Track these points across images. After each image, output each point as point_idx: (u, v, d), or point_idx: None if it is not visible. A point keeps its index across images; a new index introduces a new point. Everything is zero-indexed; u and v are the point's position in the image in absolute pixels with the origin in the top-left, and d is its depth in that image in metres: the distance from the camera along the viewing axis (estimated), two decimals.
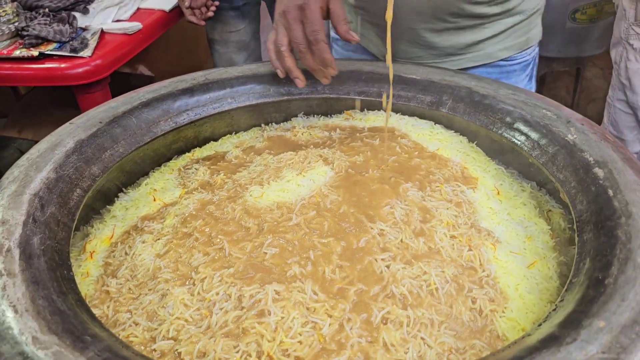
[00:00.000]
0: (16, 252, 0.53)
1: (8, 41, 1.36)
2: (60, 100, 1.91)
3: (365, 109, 0.92)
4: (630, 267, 0.48)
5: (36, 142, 1.70)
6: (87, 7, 1.46)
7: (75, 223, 0.64)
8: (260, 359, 0.52)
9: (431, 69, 0.90)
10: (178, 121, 0.83)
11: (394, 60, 0.80)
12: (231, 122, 0.92)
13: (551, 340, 0.43)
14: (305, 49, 0.80)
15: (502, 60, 1.02)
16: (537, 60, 1.10)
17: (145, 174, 0.87)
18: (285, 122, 0.94)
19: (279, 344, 0.52)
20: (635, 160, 0.63)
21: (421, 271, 0.59)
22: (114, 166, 0.74)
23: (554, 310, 0.49)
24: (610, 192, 0.59)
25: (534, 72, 1.09)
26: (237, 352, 0.52)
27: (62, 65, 1.31)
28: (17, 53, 1.31)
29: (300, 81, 0.83)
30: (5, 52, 1.31)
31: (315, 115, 0.95)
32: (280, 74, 0.84)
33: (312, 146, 0.82)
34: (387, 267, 0.59)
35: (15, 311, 0.47)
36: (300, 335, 0.53)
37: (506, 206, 0.73)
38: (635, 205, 0.56)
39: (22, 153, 0.70)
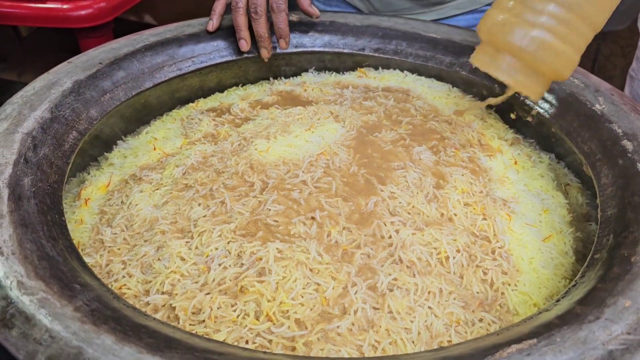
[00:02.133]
0: (5, 192, 0.50)
1: None
2: (63, 44, 1.85)
3: (380, 67, 0.87)
4: None
5: None
6: None
7: (69, 167, 0.60)
8: (258, 319, 0.49)
9: (452, 29, 0.85)
10: (183, 68, 0.79)
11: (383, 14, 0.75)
12: (238, 72, 0.88)
13: (571, 318, 0.40)
14: (262, 12, 0.77)
15: (488, 5, 0.96)
16: None
17: (146, 122, 0.83)
18: (295, 77, 0.90)
19: (279, 304, 0.49)
20: None
21: (432, 238, 0.56)
22: (113, 110, 0.70)
23: (574, 286, 0.46)
24: (639, 166, 0.55)
25: None
26: (235, 310, 0.50)
27: (65, 7, 1.25)
28: None
29: (246, 44, 0.80)
30: None
31: (327, 71, 0.90)
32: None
33: (322, 102, 0.78)
34: (397, 232, 0.56)
35: (1, 254, 0.44)
36: (302, 297, 0.50)
37: (523, 177, 0.70)
38: None
39: None
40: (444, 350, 0.39)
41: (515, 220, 0.62)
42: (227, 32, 0.83)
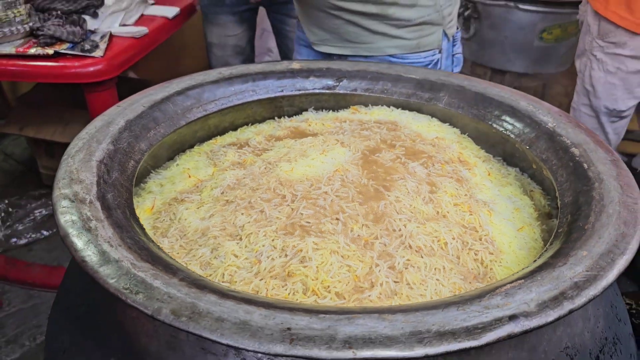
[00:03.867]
0: (97, 204, 0.62)
1: (22, 40, 1.43)
2: (59, 100, 1.98)
3: (370, 104, 1.04)
4: (604, 217, 0.61)
5: (37, 139, 1.75)
6: (97, 11, 1.55)
7: (133, 188, 0.73)
8: (305, 294, 0.62)
9: (427, 70, 1.03)
10: (208, 109, 0.94)
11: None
12: (250, 113, 1.03)
13: (547, 266, 0.55)
14: None
15: (390, 56, 1.26)
16: (440, 65, 1.31)
17: (170, 158, 0.96)
18: (297, 115, 1.05)
19: (321, 282, 0.63)
20: (603, 142, 0.76)
21: (432, 229, 0.71)
22: (157, 144, 0.84)
23: (546, 251, 0.61)
24: (585, 166, 0.72)
25: None
26: (286, 289, 0.63)
27: (76, 64, 1.38)
28: (32, 51, 1.38)
29: None
30: (21, 49, 1.38)
31: (324, 110, 1.06)
32: None
33: (327, 133, 0.94)
34: (404, 225, 0.71)
35: (111, 245, 0.56)
36: (338, 275, 0.63)
37: (496, 185, 0.86)
38: (605, 174, 0.69)
39: (7, 155, 0.78)
40: (459, 295, 0.53)
41: (495, 215, 0.78)
42: (241, 79, 0.99)
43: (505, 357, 0.55)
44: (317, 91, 1.02)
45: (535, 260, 0.60)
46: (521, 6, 1.98)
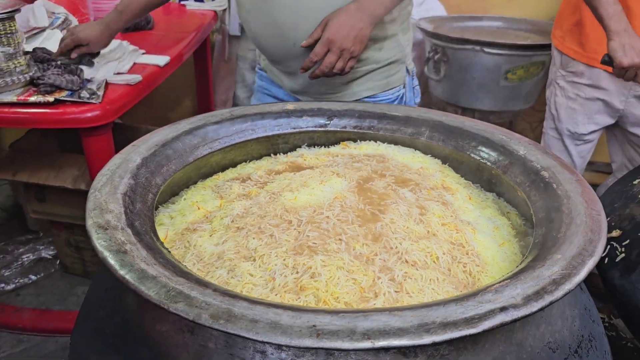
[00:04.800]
0: (128, 230, 0.69)
1: (22, 89, 1.50)
2: (50, 146, 2.03)
3: (358, 140, 1.14)
4: (574, 226, 0.71)
5: (31, 183, 1.79)
6: (92, 60, 1.63)
7: (153, 217, 0.80)
8: (318, 305, 0.69)
9: (409, 108, 1.14)
10: (212, 147, 1.02)
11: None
12: (249, 150, 1.11)
13: (528, 268, 0.64)
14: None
15: (366, 97, 1.38)
16: (405, 98, 1.45)
17: (175, 193, 1.04)
18: (292, 152, 1.14)
19: (331, 293, 0.70)
20: (568, 165, 0.87)
21: (425, 246, 0.80)
22: (169, 179, 0.91)
23: (525, 257, 0.71)
24: (555, 186, 0.82)
25: None
26: (300, 301, 0.70)
27: (75, 110, 1.45)
28: (33, 99, 1.45)
29: None
30: (22, 98, 1.45)
31: (316, 146, 1.16)
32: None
33: (322, 167, 1.03)
34: (400, 243, 0.79)
35: (147, 264, 0.63)
36: (346, 287, 0.71)
37: (477, 207, 0.96)
38: (572, 192, 0.79)
39: None
40: (456, 295, 0.62)
41: (478, 233, 0.87)
42: (242, 119, 1.08)
43: (497, 350, 0.63)
44: (311, 129, 1.12)
45: (517, 266, 0.69)
46: (486, 50, 2.15)
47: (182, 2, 2.62)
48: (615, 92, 1.63)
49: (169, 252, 0.71)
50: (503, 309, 0.56)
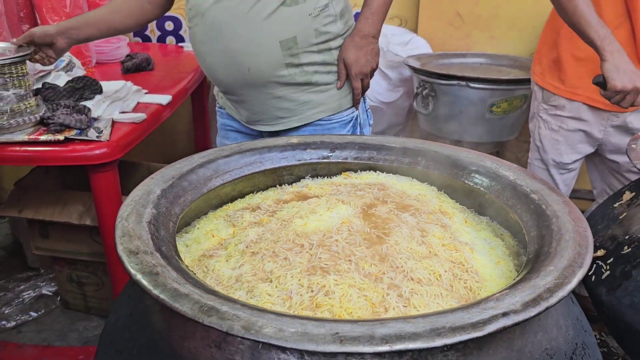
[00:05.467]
0: (157, 254, 0.75)
1: (32, 128, 1.57)
2: (53, 183, 2.08)
3: (359, 170, 1.21)
4: (563, 242, 0.78)
5: (35, 220, 1.83)
6: (96, 96, 1.71)
7: (176, 244, 0.86)
8: None
9: (406, 140, 1.22)
10: (224, 179, 1.09)
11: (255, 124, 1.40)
12: (256, 182, 1.18)
13: (524, 280, 0.71)
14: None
15: (320, 120, 1.52)
16: (360, 119, 1.59)
17: (187, 224, 1.09)
18: (297, 183, 1.21)
19: (345, 309, 0.76)
20: (554, 188, 0.95)
21: (428, 265, 0.86)
22: (187, 208, 0.97)
23: (521, 271, 0.77)
24: (544, 207, 0.90)
25: (357, 128, 1.60)
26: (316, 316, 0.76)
27: (85, 148, 1.52)
28: (44, 137, 1.51)
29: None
30: (33, 137, 1.51)
31: (319, 177, 1.23)
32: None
33: (327, 195, 1.09)
34: (405, 263, 0.86)
35: (178, 284, 0.68)
36: (358, 303, 0.77)
37: (473, 229, 1.03)
38: (560, 211, 0.87)
39: None
40: (461, 306, 0.68)
41: (476, 253, 0.94)
42: (250, 153, 1.15)
43: (500, 356, 0.69)
44: (314, 161, 1.19)
45: (514, 279, 0.76)
46: (472, 85, 2.26)
47: (179, 44, 2.72)
48: (595, 123, 1.74)
49: (194, 274, 0.76)
50: (505, 314, 0.63)
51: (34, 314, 2.11)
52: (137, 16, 1.59)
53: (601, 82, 1.47)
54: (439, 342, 0.59)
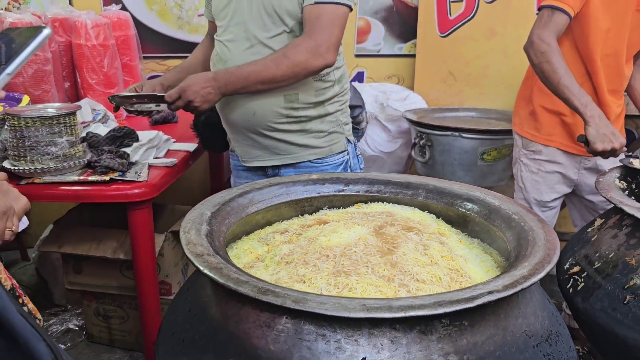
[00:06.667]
0: (218, 257, 0.96)
1: (80, 170, 1.79)
2: (86, 223, 2.28)
3: (369, 201, 1.43)
4: (537, 247, 0.99)
5: (69, 256, 2.03)
6: (133, 143, 1.95)
7: (226, 252, 1.06)
8: None
9: (408, 175, 1.45)
10: (258, 207, 1.30)
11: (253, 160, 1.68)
12: (282, 212, 1.39)
13: (505, 272, 0.91)
14: None
15: (310, 161, 1.77)
16: (350, 163, 1.84)
17: (226, 246, 1.30)
18: (316, 213, 1.43)
19: None
20: (531, 210, 1.17)
21: (430, 270, 1.06)
22: (230, 229, 1.18)
23: (504, 269, 0.98)
24: (522, 224, 1.12)
25: (349, 171, 1.84)
26: None
27: (127, 187, 1.74)
28: (92, 178, 1.73)
29: None
30: (82, 177, 1.74)
31: (334, 208, 1.44)
32: None
33: (344, 220, 1.31)
34: (412, 268, 1.06)
35: (238, 275, 0.89)
36: (375, 296, 0.97)
37: (467, 247, 1.24)
38: (535, 227, 1.08)
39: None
40: (457, 289, 0.88)
41: (469, 263, 1.14)
42: (279, 186, 1.37)
43: (489, 332, 0.88)
44: (332, 193, 1.41)
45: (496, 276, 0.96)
46: (464, 135, 2.52)
47: None
48: (570, 166, 1.98)
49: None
50: (490, 292, 0.83)
51: (62, 347, 2.26)
52: None
53: (583, 141, 1.73)
54: (440, 311, 0.79)
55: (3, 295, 0.70)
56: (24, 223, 1.74)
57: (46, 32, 0.63)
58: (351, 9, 1.64)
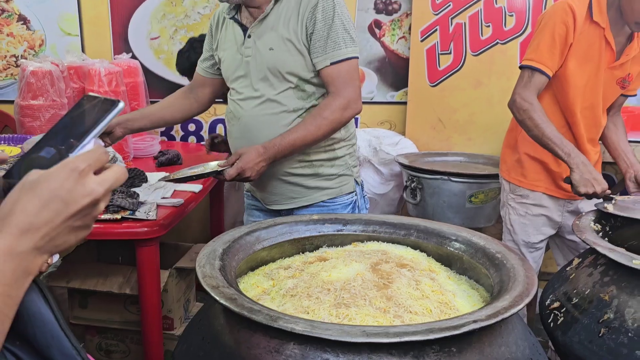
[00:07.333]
0: (232, 289, 1.06)
1: None
2: (92, 259, 2.37)
3: (365, 240, 1.55)
4: (517, 283, 1.11)
5: (72, 291, 2.12)
6: (142, 183, 2.07)
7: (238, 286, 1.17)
8: None
9: (401, 217, 1.57)
10: (264, 244, 1.42)
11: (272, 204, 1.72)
12: (284, 250, 1.50)
13: (488, 304, 1.03)
14: None
15: (322, 202, 1.90)
16: (358, 203, 1.97)
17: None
18: (316, 250, 1.54)
19: None
20: (513, 249, 1.29)
21: (422, 303, 1.18)
22: (239, 265, 1.29)
23: (487, 303, 1.09)
24: (505, 262, 1.24)
25: (356, 210, 1.98)
26: None
27: (137, 225, 1.85)
28: (105, 216, 1.84)
29: None
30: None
31: (333, 246, 1.56)
32: None
33: (343, 257, 1.42)
34: (405, 301, 1.17)
35: (251, 304, 0.99)
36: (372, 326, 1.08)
37: (455, 283, 1.35)
38: (516, 264, 1.21)
39: None
40: (446, 318, 0.99)
41: (457, 297, 1.25)
42: (282, 225, 1.48)
43: (474, 358, 0.99)
44: (331, 232, 1.53)
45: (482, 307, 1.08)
46: (453, 179, 2.67)
47: (200, 143, 3.13)
48: (554, 209, 2.12)
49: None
50: (474, 321, 0.94)
51: None
52: (185, 112, 2.05)
53: (569, 182, 1.88)
54: (431, 336, 0.90)
55: None
56: (55, 256, 1.83)
57: (121, 105, 0.68)
58: (358, 58, 1.81)
